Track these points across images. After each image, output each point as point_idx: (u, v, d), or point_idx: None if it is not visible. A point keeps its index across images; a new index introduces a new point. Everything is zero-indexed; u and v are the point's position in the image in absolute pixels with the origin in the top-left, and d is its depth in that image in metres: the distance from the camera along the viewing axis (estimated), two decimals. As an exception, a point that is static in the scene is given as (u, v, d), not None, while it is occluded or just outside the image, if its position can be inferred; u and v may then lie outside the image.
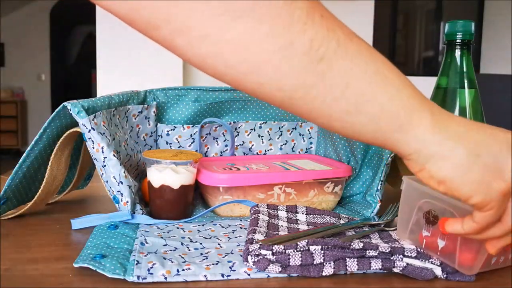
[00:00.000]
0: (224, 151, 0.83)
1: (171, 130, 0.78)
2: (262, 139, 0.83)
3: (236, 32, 0.33)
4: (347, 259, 0.47)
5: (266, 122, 0.83)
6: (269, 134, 0.83)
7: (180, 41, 0.34)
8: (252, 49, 0.34)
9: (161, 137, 0.79)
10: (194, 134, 0.79)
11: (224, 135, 0.82)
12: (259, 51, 0.34)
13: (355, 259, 0.47)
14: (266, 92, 0.37)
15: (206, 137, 0.81)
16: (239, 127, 0.82)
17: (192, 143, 0.80)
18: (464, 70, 0.59)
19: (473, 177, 0.38)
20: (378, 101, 0.37)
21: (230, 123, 0.81)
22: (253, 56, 0.34)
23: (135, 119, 0.74)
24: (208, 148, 0.82)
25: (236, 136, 0.82)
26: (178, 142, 0.79)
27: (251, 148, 0.83)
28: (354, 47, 0.36)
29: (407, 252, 0.47)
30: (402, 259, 0.47)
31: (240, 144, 0.83)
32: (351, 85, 0.36)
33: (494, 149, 0.38)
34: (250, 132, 0.82)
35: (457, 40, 0.59)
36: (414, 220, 0.50)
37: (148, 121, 0.76)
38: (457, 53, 0.59)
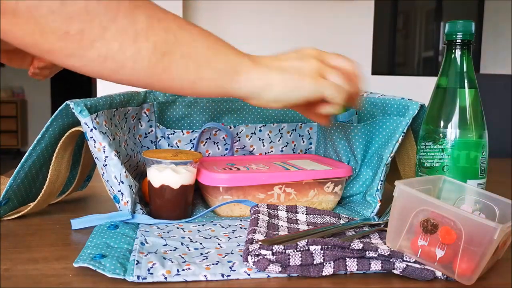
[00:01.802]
0: (224, 155, 0.83)
1: (171, 134, 0.78)
2: (263, 142, 0.83)
3: (96, 51, 0.44)
4: (347, 259, 0.47)
5: (265, 125, 0.83)
6: (270, 137, 0.83)
7: (53, 58, 0.44)
8: (110, 61, 0.45)
9: (164, 138, 0.79)
10: (194, 139, 0.79)
11: (224, 139, 0.82)
12: (115, 61, 0.45)
13: (355, 259, 0.47)
14: (129, 82, 0.48)
15: (206, 142, 0.81)
16: (240, 132, 0.81)
17: (191, 148, 0.80)
18: (464, 70, 0.59)
19: (290, 86, 0.52)
20: (212, 67, 0.50)
21: (230, 127, 0.81)
22: (111, 65, 0.45)
23: (133, 120, 0.74)
24: (209, 153, 0.82)
25: (237, 141, 0.82)
26: (178, 146, 0.79)
27: (252, 151, 0.83)
28: (187, 35, 0.48)
29: (406, 258, 0.47)
30: (401, 261, 0.47)
31: (241, 148, 0.83)
32: (190, 63, 0.48)
33: (293, 63, 0.53)
34: (251, 136, 0.82)
35: (457, 40, 0.59)
36: (408, 228, 0.47)
37: (140, 122, 0.76)
38: (457, 53, 0.59)
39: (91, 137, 0.59)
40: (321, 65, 0.54)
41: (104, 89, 2.87)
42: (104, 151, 0.60)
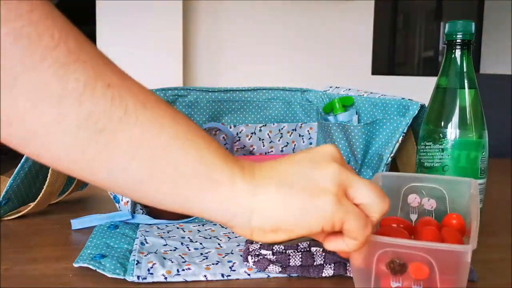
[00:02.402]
0: (224, 152, 0.83)
1: None
2: (263, 142, 0.83)
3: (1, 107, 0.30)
4: (348, 264, 0.47)
5: (265, 125, 0.83)
6: (270, 137, 0.84)
7: None
8: (16, 125, 0.31)
9: None
10: None
11: (224, 139, 0.82)
12: (27, 125, 0.31)
13: None
14: (48, 162, 0.34)
15: None
16: (240, 132, 0.81)
17: None
18: (464, 70, 0.59)
19: (298, 208, 0.34)
20: (176, 166, 0.34)
21: (230, 127, 0.81)
22: (19, 131, 0.31)
23: None
24: None
25: (237, 141, 0.82)
26: None
27: (252, 151, 0.83)
28: (148, 114, 0.33)
29: None
30: None
31: (241, 148, 0.83)
32: (139, 153, 0.33)
33: (302, 171, 0.36)
34: (251, 136, 0.82)
35: (457, 40, 0.59)
36: (376, 272, 0.41)
37: None
38: (457, 53, 0.59)
39: (91, 137, 0.59)
40: (343, 172, 0.36)
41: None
42: (104, 151, 0.60)
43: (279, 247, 0.46)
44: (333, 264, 0.46)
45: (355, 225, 0.35)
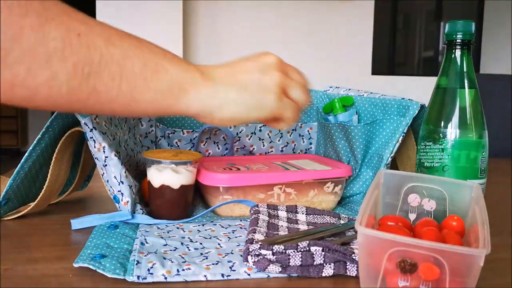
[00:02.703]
0: (224, 155, 0.83)
1: (171, 133, 0.78)
2: (263, 142, 0.83)
3: (1, 75, 0.36)
4: (348, 263, 0.47)
5: (265, 125, 0.83)
6: (270, 137, 0.83)
7: None
8: (19, 87, 0.37)
9: (163, 137, 0.79)
10: (194, 139, 0.79)
11: (224, 139, 0.82)
12: (26, 88, 0.38)
13: (355, 265, 0.46)
14: (47, 109, 0.41)
15: (206, 142, 0.81)
16: (240, 132, 0.81)
17: (191, 148, 0.80)
18: (464, 70, 0.59)
19: (251, 104, 0.47)
20: (152, 88, 0.43)
21: (230, 127, 0.81)
22: (22, 92, 0.38)
23: (133, 120, 0.74)
24: (209, 153, 0.82)
25: (237, 141, 0.82)
26: (178, 146, 0.79)
27: (252, 151, 0.83)
28: (118, 51, 0.41)
29: None
30: None
31: (241, 148, 0.83)
32: (122, 84, 0.41)
33: (253, 78, 0.48)
34: (251, 136, 0.82)
35: (457, 40, 0.59)
36: (383, 271, 0.41)
37: (140, 122, 0.76)
38: (457, 53, 0.59)
39: (91, 137, 0.59)
40: (283, 79, 0.49)
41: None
42: (104, 151, 0.60)
43: (279, 247, 0.46)
44: (333, 264, 0.46)
45: (289, 114, 0.50)
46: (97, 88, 0.40)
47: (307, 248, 0.46)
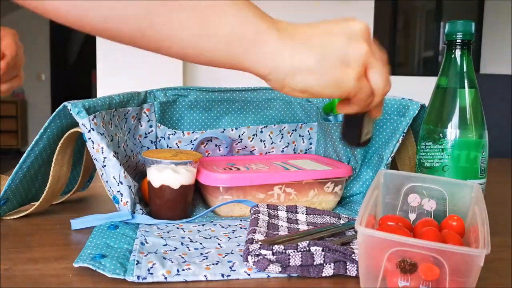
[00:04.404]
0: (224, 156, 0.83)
1: (172, 134, 0.78)
2: (264, 143, 0.83)
3: None
4: (348, 263, 0.47)
5: (266, 126, 0.83)
6: (271, 138, 0.83)
7: None
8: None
9: (164, 138, 0.79)
10: (194, 140, 0.79)
11: (225, 142, 0.82)
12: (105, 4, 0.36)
13: (355, 265, 0.46)
14: (113, 27, 0.38)
15: (207, 144, 0.81)
16: (242, 134, 0.81)
17: (191, 148, 0.80)
18: (464, 70, 0.59)
19: (328, 79, 0.41)
20: (226, 23, 0.39)
21: (232, 130, 0.81)
22: (101, 11, 0.36)
23: (133, 121, 0.74)
24: (209, 153, 0.82)
25: (239, 142, 0.82)
26: (178, 147, 0.79)
27: (252, 151, 0.83)
28: None
29: None
30: None
31: (242, 149, 0.83)
32: (197, 8, 0.38)
33: (337, 46, 0.42)
34: (252, 138, 0.82)
35: (457, 40, 0.59)
36: (383, 271, 0.41)
37: (140, 122, 0.76)
38: (457, 53, 0.59)
39: (89, 138, 0.59)
40: (369, 54, 0.42)
41: (104, 89, 2.87)
42: (102, 152, 0.60)
43: (279, 247, 0.46)
44: (333, 264, 0.46)
45: (362, 98, 0.44)
46: (170, 8, 0.37)
47: (307, 248, 0.46)
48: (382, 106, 0.49)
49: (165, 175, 0.62)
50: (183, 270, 0.46)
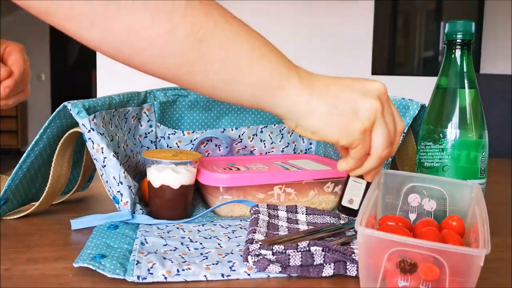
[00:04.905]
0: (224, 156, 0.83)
1: (172, 134, 0.78)
2: (264, 143, 0.83)
3: (121, 21, 0.37)
4: (348, 263, 0.47)
5: (266, 126, 0.83)
6: (271, 138, 0.83)
7: (70, 27, 0.38)
8: (135, 36, 0.38)
9: (164, 138, 0.79)
10: (195, 140, 0.79)
11: (225, 142, 0.82)
12: (143, 37, 0.39)
13: (355, 265, 0.46)
14: (154, 70, 0.42)
15: (207, 143, 0.81)
16: (242, 134, 0.81)
17: (191, 148, 0.80)
18: (464, 70, 0.59)
19: (335, 125, 0.45)
20: (254, 72, 0.43)
21: (232, 130, 0.81)
22: (137, 42, 0.39)
23: (133, 121, 0.74)
24: (209, 153, 0.82)
25: (239, 142, 0.82)
26: (178, 147, 0.79)
27: (252, 151, 0.83)
28: (230, 28, 0.42)
29: None
30: None
31: (242, 148, 0.83)
32: (228, 59, 0.42)
33: (350, 98, 0.46)
34: (252, 138, 0.82)
35: (457, 40, 0.59)
36: (383, 271, 0.41)
37: (140, 122, 0.76)
38: (457, 53, 0.59)
39: (89, 138, 0.59)
40: (378, 112, 0.46)
41: (104, 89, 2.87)
42: (102, 152, 0.60)
43: (279, 247, 0.46)
44: (333, 264, 0.46)
45: (360, 152, 0.47)
46: (206, 55, 0.41)
47: (307, 248, 0.46)
48: (376, 172, 0.51)
49: (165, 175, 0.62)
50: (183, 270, 0.46)
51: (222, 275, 0.45)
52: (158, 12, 0.38)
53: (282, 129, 0.84)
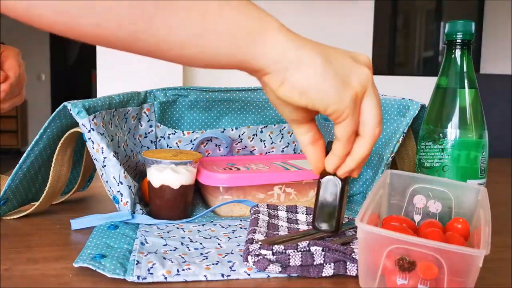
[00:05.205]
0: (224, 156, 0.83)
1: (172, 134, 0.78)
2: (264, 143, 0.83)
3: None
4: (348, 263, 0.47)
5: (266, 126, 0.83)
6: (271, 138, 0.83)
7: None
8: None
9: (163, 138, 0.79)
10: (194, 140, 0.79)
11: (225, 142, 0.82)
12: None
13: (355, 265, 0.46)
14: (106, 33, 0.36)
15: (207, 143, 0.81)
16: (242, 134, 0.81)
17: (191, 148, 0.80)
18: (464, 70, 0.59)
19: (329, 85, 0.39)
20: (227, 17, 0.37)
21: (232, 130, 0.81)
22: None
23: (133, 121, 0.74)
24: (209, 153, 0.82)
25: (239, 142, 0.82)
26: (178, 147, 0.79)
27: (252, 151, 0.83)
28: None
29: None
30: None
31: (242, 148, 0.83)
32: (194, 6, 0.36)
33: (341, 59, 0.40)
34: (252, 138, 0.82)
35: (457, 40, 0.59)
36: (382, 269, 0.41)
37: (140, 122, 0.76)
38: (457, 53, 0.59)
39: (89, 138, 0.59)
40: (370, 80, 0.41)
41: (104, 89, 2.87)
42: (102, 152, 0.60)
43: (279, 247, 0.46)
44: (333, 264, 0.46)
45: (347, 132, 0.41)
46: (165, 4, 0.35)
47: (307, 248, 0.46)
48: (362, 165, 0.45)
49: (165, 175, 0.62)
50: (183, 270, 0.46)
51: (222, 275, 0.45)
52: None
53: (282, 129, 0.84)
